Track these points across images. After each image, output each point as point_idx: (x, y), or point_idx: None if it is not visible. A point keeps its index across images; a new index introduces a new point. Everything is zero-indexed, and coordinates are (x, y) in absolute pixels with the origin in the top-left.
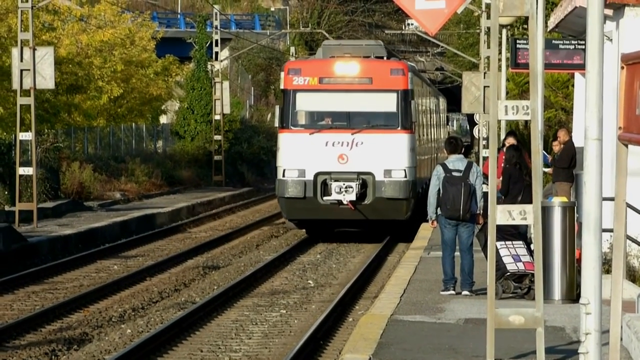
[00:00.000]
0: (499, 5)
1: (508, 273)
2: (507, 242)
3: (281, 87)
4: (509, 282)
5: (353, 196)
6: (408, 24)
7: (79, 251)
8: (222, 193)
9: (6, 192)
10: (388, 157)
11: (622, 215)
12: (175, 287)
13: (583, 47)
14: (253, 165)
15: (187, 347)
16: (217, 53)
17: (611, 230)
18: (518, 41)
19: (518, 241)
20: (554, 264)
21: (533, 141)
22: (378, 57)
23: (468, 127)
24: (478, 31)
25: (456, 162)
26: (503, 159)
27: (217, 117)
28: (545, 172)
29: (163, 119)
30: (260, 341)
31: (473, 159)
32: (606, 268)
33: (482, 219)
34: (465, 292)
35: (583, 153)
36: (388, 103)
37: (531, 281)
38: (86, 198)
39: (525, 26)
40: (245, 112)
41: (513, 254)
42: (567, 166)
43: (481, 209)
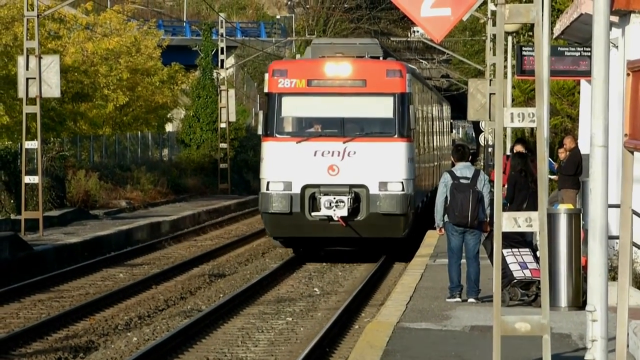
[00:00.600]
0: (505, 12)
1: (515, 280)
2: (514, 250)
3: (265, 91)
4: (516, 290)
5: (344, 211)
6: (414, 31)
7: (85, 259)
8: (228, 201)
9: (12, 201)
10: (384, 168)
11: (628, 222)
12: (181, 295)
13: (589, 54)
14: (259, 173)
15: (194, 355)
16: (223, 61)
17: (617, 237)
18: (524, 48)
19: (525, 248)
20: (560, 271)
21: (539, 148)
22: (373, 57)
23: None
24: (484, 38)
25: (464, 170)
26: (508, 166)
27: (223, 125)
28: (551, 179)
29: (169, 127)
30: (266, 349)
31: (480, 167)
32: (612, 275)
33: (489, 227)
34: (471, 300)
35: (589, 160)
36: (384, 108)
37: (538, 288)
38: (92, 206)
39: (530, 33)
40: (251, 120)
41: (520, 261)
42: (573, 173)
43: (488, 217)
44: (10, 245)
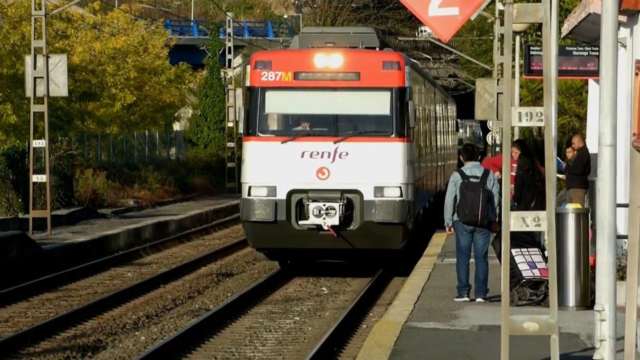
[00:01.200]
0: (513, 12)
1: (524, 280)
2: (523, 249)
3: (247, 84)
4: (525, 289)
5: (335, 220)
6: (421, 31)
7: (93, 258)
8: (236, 200)
9: (20, 200)
10: (380, 172)
11: (637, 221)
12: (189, 294)
13: (597, 54)
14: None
15: (201, 354)
16: (230, 60)
17: (625, 236)
18: (531, 48)
19: (533, 248)
20: (568, 271)
21: (547, 148)
22: (369, 48)
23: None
24: (491, 38)
25: (473, 169)
26: (514, 166)
27: (230, 124)
28: (559, 179)
29: (176, 126)
30: (274, 348)
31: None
32: (621, 274)
33: (498, 227)
34: (479, 299)
35: (597, 159)
36: (380, 104)
37: (547, 288)
38: (99, 205)
39: (538, 33)
40: None
41: (528, 261)
42: (581, 172)
43: (497, 217)
44: (18, 244)
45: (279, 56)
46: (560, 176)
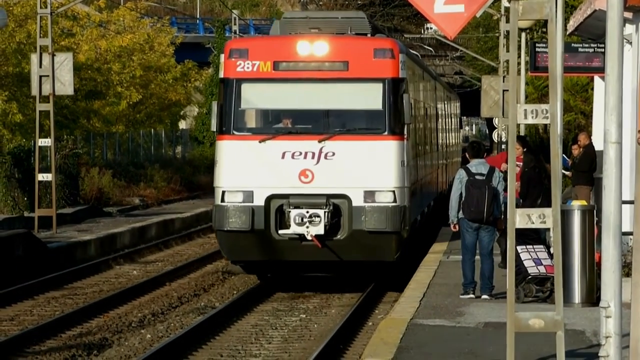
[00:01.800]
0: (518, 8)
1: (529, 277)
2: (528, 246)
3: (220, 76)
4: (531, 286)
5: (320, 229)
6: (427, 28)
7: (99, 257)
8: None
9: (25, 198)
10: (370, 174)
11: None
12: (194, 292)
13: (602, 50)
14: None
15: (207, 352)
16: None
17: (631, 233)
18: (537, 44)
19: (539, 245)
20: (574, 268)
21: (552, 145)
22: (359, 34)
23: (487, 131)
24: (497, 35)
25: (479, 166)
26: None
27: None
28: (564, 176)
29: (182, 125)
30: (280, 346)
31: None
32: (626, 271)
33: (503, 225)
34: (484, 296)
35: (603, 156)
36: (370, 97)
37: (552, 284)
38: (105, 204)
39: (544, 29)
40: None
41: (534, 258)
42: (587, 170)
43: (502, 214)
44: (23, 242)
45: (257, 43)
46: (566, 173)
